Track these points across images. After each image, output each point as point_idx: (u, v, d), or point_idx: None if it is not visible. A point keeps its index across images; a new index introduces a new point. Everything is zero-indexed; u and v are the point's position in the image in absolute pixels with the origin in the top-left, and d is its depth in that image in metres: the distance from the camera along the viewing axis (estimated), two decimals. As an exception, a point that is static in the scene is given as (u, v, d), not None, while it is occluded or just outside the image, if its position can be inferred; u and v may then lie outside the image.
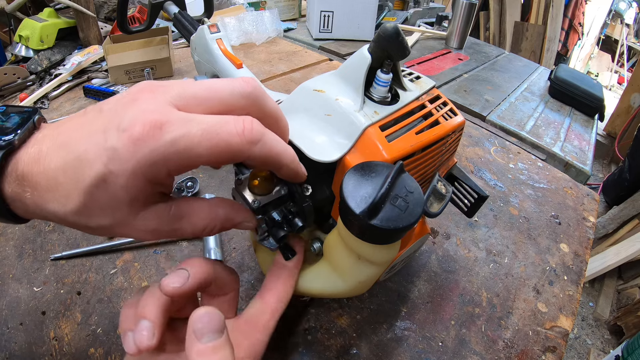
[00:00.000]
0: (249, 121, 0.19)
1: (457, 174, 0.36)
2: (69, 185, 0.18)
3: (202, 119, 0.18)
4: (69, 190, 0.18)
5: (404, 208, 0.22)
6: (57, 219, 0.19)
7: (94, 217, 0.19)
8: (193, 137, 0.18)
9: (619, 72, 3.82)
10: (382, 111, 0.27)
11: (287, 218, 0.26)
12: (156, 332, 0.20)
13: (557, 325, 0.41)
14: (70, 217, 0.19)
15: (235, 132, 0.19)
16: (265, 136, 0.20)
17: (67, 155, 0.18)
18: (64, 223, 0.20)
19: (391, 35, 0.25)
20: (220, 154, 0.19)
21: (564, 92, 0.98)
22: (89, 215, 0.19)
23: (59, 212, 0.19)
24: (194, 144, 0.18)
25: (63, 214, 0.19)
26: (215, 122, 0.18)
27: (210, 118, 0.19)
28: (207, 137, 0.18)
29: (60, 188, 0.18)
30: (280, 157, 0.21)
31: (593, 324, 1.55)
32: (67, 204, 0.18)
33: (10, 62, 0.83)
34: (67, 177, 0.18)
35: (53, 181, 0.18)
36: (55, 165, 0.18)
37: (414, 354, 0.36)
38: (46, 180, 0.18)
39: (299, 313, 0.38)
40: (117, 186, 0.18)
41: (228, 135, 0.18)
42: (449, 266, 0.45)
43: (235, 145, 0.19)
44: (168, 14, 0.63)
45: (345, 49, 1.06)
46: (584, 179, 0.73)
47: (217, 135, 0.18)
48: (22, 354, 0.33)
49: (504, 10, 2.98)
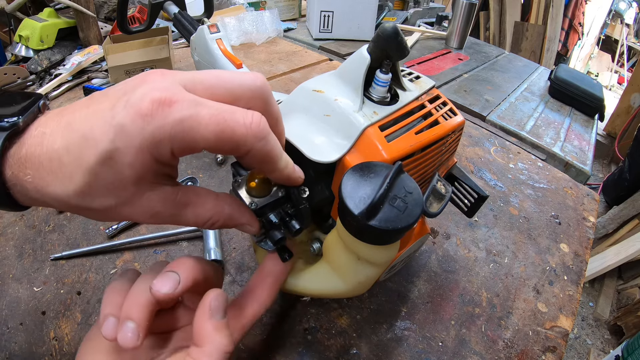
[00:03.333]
0: (257, 116, 0.20)
1: (457, 174, 0.36)
2: (73, 164, 0.18)
3: (211, 104, 0.19)
4: (73, 170, 0.18)
5: (403, 209, 0.22)
6: (58, 203, 0.19)
7: (98, 198, 0.19)
8: (201, 119, 0.18)
9: (619, 72, 3.81)
10: (382, 111, 0.27)
11: (285, 220, 0.26)
12: (141, 334, 0.20)
13: (557, 325, 0.41)
14: (73, 199, 0.18)
15: (243, 123, 0.19)
16: (270, 135, 0.20)
17: (72, 134, 0.18)
18: (65, 207, 0.19)
19: (390, 35, 0.25)
20: (224, 140, 0.19)
21: (564, 92, 0.98)
22: (93, 195, 0.18)
23: (61, 195, 0.18)
24: (202, 126, 0.18)
25: (66, 196, 0.18)
26: (224, 109, 0.19)
27: (219, 105, 0.19)
28: (214, 121, 0.18)
29: (64, 169, 0.18)
30: (277, 160, 0.21)
31: (593, 324, 1.55)
32: (70, 185, 0.18)
33: (10, 62, 0.83)
34: (72, 156, 0.18)
35: (56, 162, 0.18)
36: (59, 145, 0.18)
37: (414, 354, 0.36)
38: (49, 161, 0.18)
39: (299, 313, 0.38)
40: (124, 163, 0.18)
41: (235, 124, 0.19)
42: (449, 266, 0.45)
43: (240, 136, 0.19)
44: (168, 14, 0.63)
45: (345, 49, 1.06)
46: (584, 179, 0.73)
47: (224, 121, 0.18)
48: (22, 354, 0.33)
49: (504, 10, 2.98)
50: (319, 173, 0.29)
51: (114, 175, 0.18)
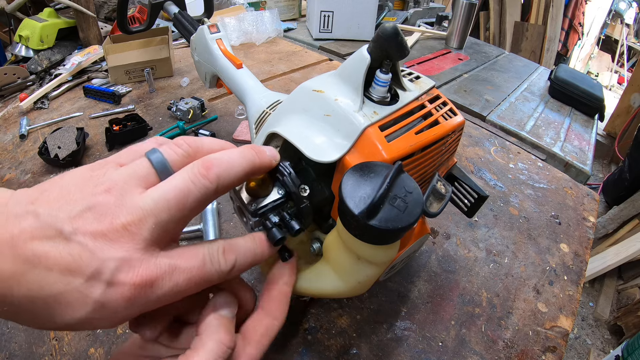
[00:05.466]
0: (228, 264, 0.22)
1: (457, 174, 0.36)
2: (43, 316, 0.17)
3: (185, 265, 0.20)
4: (44, 320, 0.17)
5: (403, 208, 0.22)
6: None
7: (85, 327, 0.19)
8: (180, 286, 0.19)
9: (619, 72, 3.81)
10: (382, 111, 0.27)
11: (285, 220, 0.25)
12: (158, 326, 0.22)
13: (557, 325, 0.41)
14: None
15: (216, 270, 0.21)
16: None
17: (38, 290, 0.16)
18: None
19: (390, 35, 0.25)
20: (197, 287, 0.20)
21: (564, 92, 0.98)
22: (77, 329, 0.19)
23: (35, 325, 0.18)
24: (180, 291, 0.19)
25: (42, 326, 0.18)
26: (197, 266, 0.20)
27: (192, 262, 0.20)
28: (191, 281, 0.20)
29: (31, 315, 0.17)
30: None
31: (593, 324, 1.55)
32: (45, 325, 0.18)
33: (10, 62, 0.83)
34: (38, 308, 0.17)
35: (20, 309, 0.17)
36: (24, 294, 0.16)
37: (414, 354, 0.36)
38: (11, 305, 0.17)
39: (299, 313, 0.38)
40: (103, 324, 0.18)
41: (210, 275, 0.21)
42: (449, 266, 0.45)
43: (214, 274, 0.21)
44: (168, 14, 0.63)
45: (345, 49, 1.06)
46: (584, 179, 0.73)
47: (199, 277, 0.20)
48: (22, 354, 0.33)
49: (504, 10, 2.98)
50: (319, 173, 0.29)
51: (92, 327, 0.18)
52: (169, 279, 0.19)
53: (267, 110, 0.41)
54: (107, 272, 0.17)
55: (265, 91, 0.46)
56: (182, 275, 0.19)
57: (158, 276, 0.18)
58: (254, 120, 0.42)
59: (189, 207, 0.19)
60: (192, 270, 0.20)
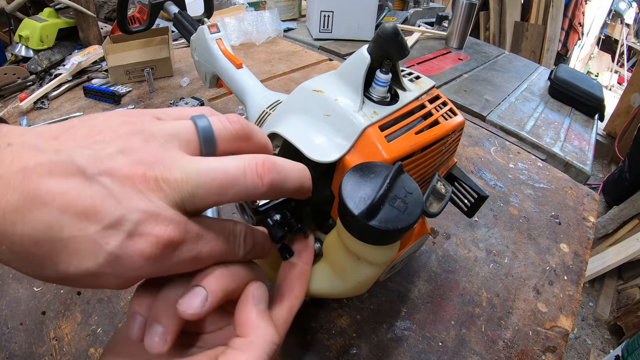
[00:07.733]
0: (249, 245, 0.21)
1: (457, 174, 0.36)
2: (45, 262, 0.15)
3: (211, 237, 0.18)
4: (45, 267, 0.15)
5: (403, 209, 0.22)
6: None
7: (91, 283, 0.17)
8: (200, 257, 0.18)
9: (619, 72, 3.81)
10: (382, 111, 0.27)
11: (286, 218, 0.26)
12: (168, 339, 0.19)
13: (557, 325, 0.41)
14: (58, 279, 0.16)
15: (234, 252, 0.20)
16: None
17: (45, 230, 0.14)
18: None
19: (390, 35, 0.25)
20: (211, 262, 0.19)
21: (564, 92, 0.98)
22: (83, 284, 0.17)
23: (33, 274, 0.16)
24: (199, 261, 0.18)
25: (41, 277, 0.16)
26: (221, 242, 0.19)
27: (218, 236, 0.19)
28: (211, 255, 0.19)
29: (32, 259, 0.15)
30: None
31: (593, 324, 1.55)
32: (44, 274, 0.16)
33: (10, 62, 0.83)
34: (41, 252, 0.15)
35: (21, 249, 0.15)
36: (28, 233, 0.14)
37: (414, 354, 0.36)
38: (11, 244, 0.15)
39: (299, 313, 0.38)
40: (110, 280, 0.16)
41: (227, 254, 0.20)
42: (449, 266, 0.45)
43: (226, 257, 0.20)
44: (168, 14, 0.63)
45: (345, 49, 1.06)
46: (584, 179, 0.73)
47: (219, 253, 0.19)
48: (22, 354, 0.33)
49: (504, 10, 2.98)
50: (319, 173, 0.29)
51: (100, 284, 0.16)
52: (193, 246, 0.17)
53: (267, 110, 0.41)
54: (129, 223, 0.15)
55: (265, 91, 0.46)
56: (206, 246, 0.18)
57: (185, 239, 0.17)
58: (254, 120, 0.42)
59: (228, 196, 0.18)
60: (217, 245, 0.19)
